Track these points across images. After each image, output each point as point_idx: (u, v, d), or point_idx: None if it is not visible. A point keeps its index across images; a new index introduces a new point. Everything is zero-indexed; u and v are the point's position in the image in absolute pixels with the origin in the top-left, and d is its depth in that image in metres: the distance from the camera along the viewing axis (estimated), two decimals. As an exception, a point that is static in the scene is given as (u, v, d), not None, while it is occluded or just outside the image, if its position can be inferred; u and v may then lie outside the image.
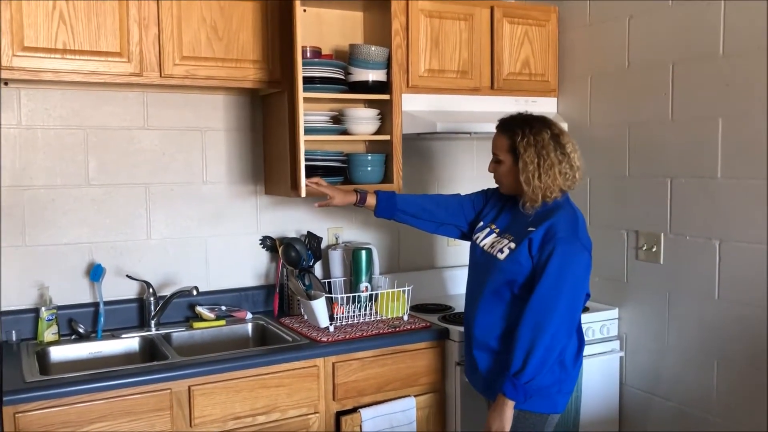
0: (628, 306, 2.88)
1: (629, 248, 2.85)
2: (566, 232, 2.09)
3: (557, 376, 2.13)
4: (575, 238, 2.09)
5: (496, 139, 2.24)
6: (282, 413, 2.34)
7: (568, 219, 2.13)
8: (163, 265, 2.75)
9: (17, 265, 2.49)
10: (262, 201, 2.92)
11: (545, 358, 2.03)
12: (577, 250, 2.08)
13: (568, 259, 2.06)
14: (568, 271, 2.06)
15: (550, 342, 2.02)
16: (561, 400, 2.18)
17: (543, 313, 2.04)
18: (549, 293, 2.05)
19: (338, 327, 2.59)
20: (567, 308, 2.06)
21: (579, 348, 2.23)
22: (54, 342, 2.44)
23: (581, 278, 2.09)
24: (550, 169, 2.11)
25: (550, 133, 2.15)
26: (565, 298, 2.05)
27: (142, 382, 2.13)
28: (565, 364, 2.15)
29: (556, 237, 2.07)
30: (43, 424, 1.99)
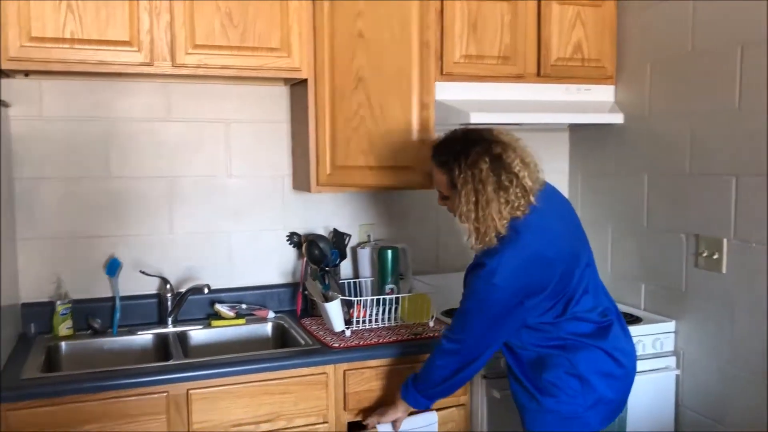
0: (687, 319, 2.56)
1: (688, 254, 2.53)
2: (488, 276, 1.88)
3: (577, 390, 1.93)
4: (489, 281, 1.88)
5: (434, 173, 2.04)
6: (288, 422, 2.21)
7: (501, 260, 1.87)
8: (186, 261, 2.68)
9: (37, 258, 2.49)
10: (290, 196, 2.80)
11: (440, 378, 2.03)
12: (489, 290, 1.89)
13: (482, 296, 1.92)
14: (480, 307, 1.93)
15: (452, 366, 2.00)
16: (593, 416, 1.96)
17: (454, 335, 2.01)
18: (458, 318, 1.99)
19: (356, 331, 2.43)
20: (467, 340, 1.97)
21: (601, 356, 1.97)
22: (68, 336, 2.42)
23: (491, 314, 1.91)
24: (488, 206, 1.85)
25: (489, 158, 1.87)
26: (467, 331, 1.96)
27: (138, 384, 2.05)
28: (583, 376, 1.93)
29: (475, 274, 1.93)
30: (33, 423, 1.95)
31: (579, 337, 1.96)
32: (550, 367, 1.93)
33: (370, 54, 2.50)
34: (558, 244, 1.94)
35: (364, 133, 2.52)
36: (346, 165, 2.52)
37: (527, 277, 1.88)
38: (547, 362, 1.94)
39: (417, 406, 2.11)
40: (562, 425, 1.94)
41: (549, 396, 1.93)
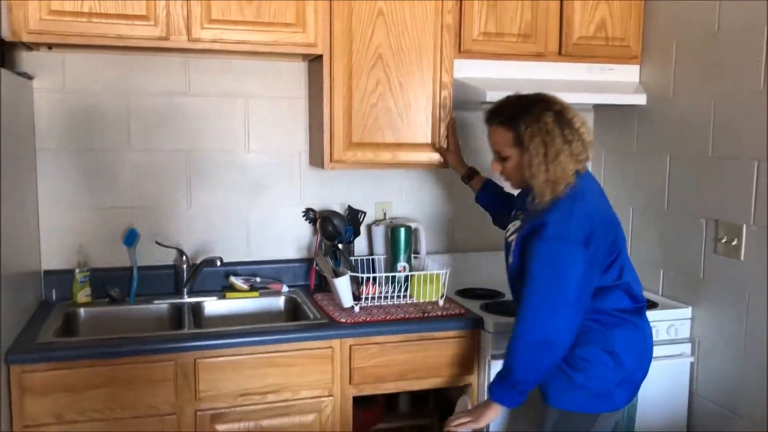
0: (704, 306, 2.50)
1: (708, 240, 2.47)
2: (551, 231, 1.86)
3: (609, 367, 1.93)
4: (561, 238, 1.85)
5: (495, 133, 2.01)
6: (293, 393, 2.25)
7: (559, 216, 1.87)
8: (203, 234, 2.73)
9: (59, 227, 2.56)
10: (307, 172, 2.82)
11: (534, 362, 1.89)
12: (563, 251, 1.85)
13: (552, 263, 1.87)
14: (553, 276, 1.86)
15: (540, 347, 1.87)
16: (620, 394, 1.97)
17: (529, 316, 1.89)
18: (532, 298, 1.88)
19: (365, 308, 2.44)
20: (556, 312, 1.86)
21: (636, 335, 1.99)
22: (87, 304, 2.50)
23: (575, 279, 1.85)
24: (557, 157, 1.87)
25: (552, 112, 1.89)
26: (554, 302, 1.86)
27: (146, 352, 2.11)
28: (616, 353, 1.93)
29: (540, 236, 1.87)
30: (47, 385, 2.02)
31: (620, 313, 1.97)
32: (585, 343, 1.92)
33: (389, 31, 2.50)
34: (608, 210, 1.98)
35: (383, 110, 2.52)
36: (362, 142, 2.52)
37: (591, 227, 1.86)
38: (584, 338, 1.92)
39: (514, 404, 1.95)
40: (590, 401, 1.94)
41: (580, 371, 1.93)
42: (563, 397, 1.96)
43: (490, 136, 2.03)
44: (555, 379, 1.96)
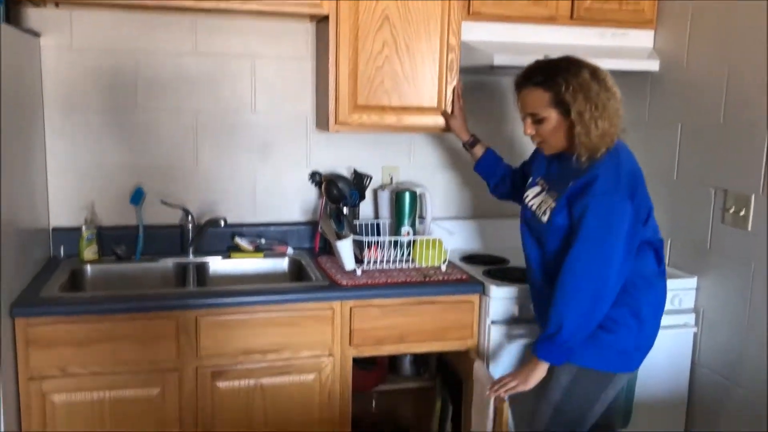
0: (709, 276, 2.48)
1: (716, 210, 2.43)
2: (603, 186, 1.88)
3: (633, 330, 1.98)
4: (613, 191, 1.88)
5: (529, 96, 1.99)
6: (293, 353, 2.28)
7: (608, 170, 1.91)
8: (209, 194, 2.74)
9: (67, 185, 2.59)
10: (314, 135, 2.81)
11: (584, 319, 1.90)
12: (616, 204, 1.87)
13: (605, 216, 1.87)
14: (606, 229, 1.87)
15: (591, 302, 1.89)
16: (637, 357, 2.03)
17: (580, 272, 1.90)
18: (585, 252, 1.89)
19: (367, 271, 2.45)
20: (608, 267, 1.88)
21: (660, 299, 2.06)
22: (93, 261, 2.53)
23: (624, 233, 1.88)
24: (605, 112, 1.89)
25: (588, 71, 1.91)
26: (605, 255, 1.87)
27: (149, 308, 2.14)
28: (641, 316, 1.98)
29: (591, 192, 1.88)
30: (51, 338, 2.06)
31: (648, 276, 2.01)
32: (615, 304, 1.93)
33: (398, -8, 2.46)
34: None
35: (388, 73, 2.50)
36: (368, 104, 2.50)
37: (636, 181, 1.93)
38: (615, 300, 1.93)
39: (560, 362, 1.96)
40: (611, 361, 1.99)
41: (606, 331, 1.95)
42: (584, 354, 1.97)
43: (523, 99, 2.01)
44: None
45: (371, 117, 2.50)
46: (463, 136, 2.52)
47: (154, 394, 2.17)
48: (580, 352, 1.97)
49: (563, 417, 2.04)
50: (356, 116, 2.50)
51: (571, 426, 2.05)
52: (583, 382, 1.99)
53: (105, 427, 2.14)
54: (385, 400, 2.87)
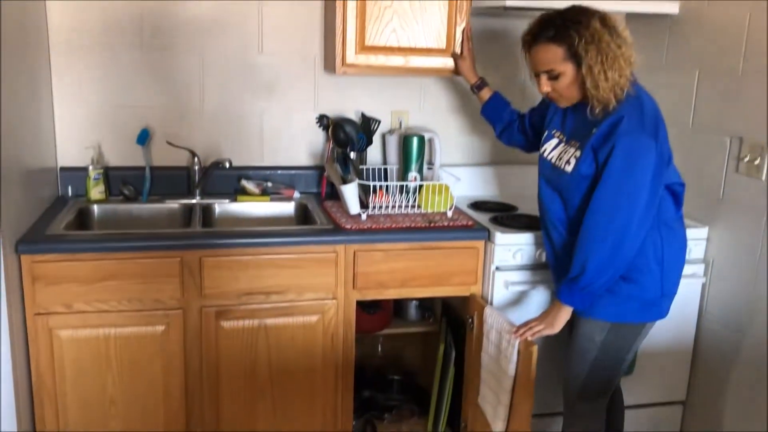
0: (721, 226, 2.43)
1: (730, 158, 2.37)
2: (629, 126, 1.86)
3: (657, 276, 1.98)
4: (639, 131, 1.85)
5: (542, 52, 1.92)
6: (297, 295, 2.29)
7: (632, 110, 1.88)
8: (216, 136, 2.72)
9: (74, 124, 2.59)
10: (322, 77, 2.76)
11: (609, 262, 1.88)
12: (642, 143, 1.85)
13: (631, 155, 1.85)
14: (632, 168, 1.85)
15: (616, 245, 1.86)
16: (665, 304, 2.04)
17: (606, 215, 1.88)
18: (611, 194, 1.87)
19: (372, 216, 2.44)
20: (633, 208, 1.86)
21: (682, 244, 2.07)
22: (100, 200, 2.54)
23: (650, 173, 1.85)
24: (615, 63, 1.85)
25: (598, 21, 1.85)
26: (631, 197, 1.85)
27: (153, 248, 2.15)
28: (664, 263, 1.97)
29: (617, 132, 1.85)
30: (56, 276, 2.09)
31: (669, 221, 2.01)
32: (638, 254, 1.92)
33: (407, -73, 2.38)
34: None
35: (397, 13, 2.43)
36: (375, 45, 2.45)
37: (658, 121, 1.90)
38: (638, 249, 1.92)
39: (583, 305, 1.96)
40: (640, 312, 2.00)
41: (631, 282, 1.96)
42: (615, 310, 1.99)
43: (535, 56, 1.95)
44: (606, 292, 1.97)
45: (379, 58, 2.45)
46: (470, 79, 2.48)
47: (159, 332, 2.20)
48: (611, 307, 1.98)
49: (599, 372, 2.07)
50: (364, 57, 2.45)
51: (607, 379, 2.09)
52: (617, 337, 2.02)
53: (111, 363, 2.18)
54: (391, 344, 2.90)
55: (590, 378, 2.08)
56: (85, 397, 2.19)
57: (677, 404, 2.62)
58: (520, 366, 2.04)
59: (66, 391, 2.17)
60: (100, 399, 2.20)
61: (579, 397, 2.13)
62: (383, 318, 2.65)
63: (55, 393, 2.16)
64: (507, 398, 2.10)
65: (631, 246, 1.89)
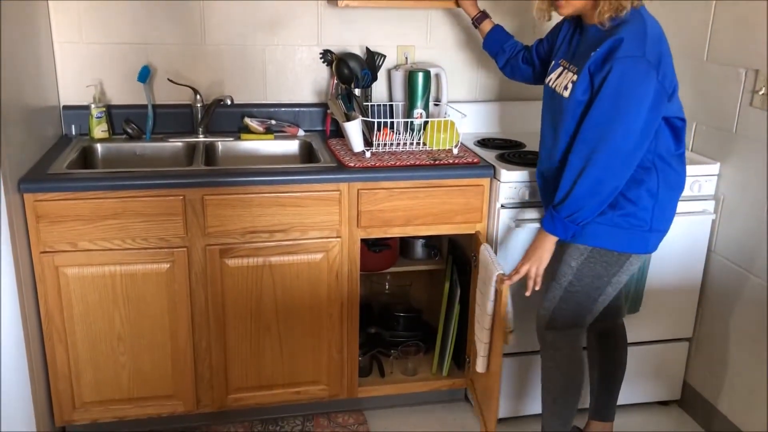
0: (733, 162, 2.38)
1: (745, 92, 2.30)
2: (629, 49, 1.77)
3: (648, 209, 1.92)
4: (639, 56, 1.77)
5: None
6: (301, 233, 2.28)
7: (634, 33, 1.79)
8: (218, 73, 2.68)
9: (75, 62, 2.55)
10: (326, 11, 2.69)
11: (594, 190, 1.83)
12: (640, 69, 1.76)
13: (627, 81, 1.77)
14: (627, 94, 1.77)
15: (602, 173, 1.82)
16: (652, 239, 1.97)
17: (595, 141, 1.82)
18: (602, 119, 1.80)
19: (376, 153, 2.41)
20: (624, 138, 1.79)
21: (678, 181, 2.00)
22: (103, 139, 2.53)
23: (647, 102, 1.78)
24: None
25: None
26: (623, 124, 1.78)
27: (155, 186, 2.14)
28: (658, 197, 1.92)
29: (615, 56, 1.77)
30: (58, 214, 2.09)
31: (668, 156, 1.94)
32: (632, 183, 1.89)
33: None
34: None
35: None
36: (379, -24, 2.38)
37: (661, 48, 1.82)
38: (631, 178, 1.88)
39: (566, 235, 1.91)
40: (624, 241, 1.95)
41: (619, 210, 1.91)
42: (597, 234, 1.94)
43: None
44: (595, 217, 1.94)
45: (383, -12, 2.38)
46: (470, 12, 2.42)
47: (164, 270, 2.21)
48: (593, 231, 1.93)
49: (572, 297, 2.03)
50: (367, -13, 2.38)
51: (580, 306, 2.05)
52: (595, 263, 1.97)
53: (118, 301, 2.21)
54: (398, 281, 2.90)
55: (561, 304, 2.04)
56: (94, 334, 2.23)
57: (683, 341, 2.62)
58: (497, 304, 2.03)
59: (75, 329, 2.21)
60: (108, 335, 2.24)
61: (548, 324, 2.10)
62: (389, 256, 2.65)
63: (65, 330, 2.20)
64: (487, 337, 2.10)
65: (618, 177, 1.83)
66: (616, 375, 2.31)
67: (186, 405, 2.37)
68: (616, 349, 2.30)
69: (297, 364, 2.42)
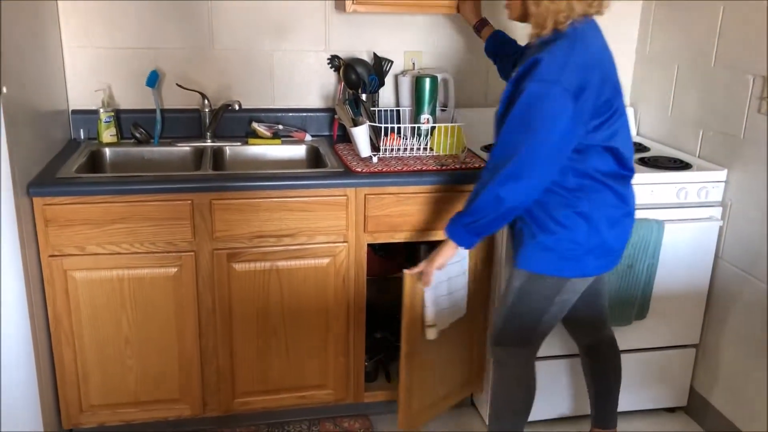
0: (740, 169, 2.37)
1: (753, 98, 2.30)
2: (543, 73, 1.71)
3: (581, 231, 1.85)
4: (553, 81, 1.70)
5: None
6: (309, 238, 2.29)
7: (554, 57, 1.72)
8: (226, 78, 2.69)
9: (85, 67, 2.57)
10: (333, 17, 2.70)
11: (494, 206, 1.81)
12: (553, 93, 1.70)
13: (536, 104, 1.72)
14: (534, 118, 1.73)
15: (502, 192, 1.77)
16: (589, 261, 1.90)
17: (501, 159, 1.78)
18: (509, 139, 1.78)
19: (383, 159, 2.41)
20: (527, 159, 1.75)
21: (616, 202, 1.88)
22: (112, 143, 2.54)
23: (555, 128, 1.72)
24: None
25: None
26: (528, 147, 1.74)
27: (163, 190, 2.15)
28: (591, 219, 1.85)
29: (530, 77, 1.73)
30: (67, 218, 2.10)
31: (601, 176, 1.85)
32: (559, 205, 1.86)
33: None
34: (613, 66, 1.84)
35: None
36: (387, -18, 2.39)
37: (585, 74, 1.72)
38: (557, 199, 1.86)
39: (462, 243, 1.93)
40: (557, 265, 1.90)
41: (549, 233, 1.88)
42: (531, 259, 1.92)
43: None
44: (525, 240, 1.92)
45: (390, -6, 2.39)
46: (471, 20, 2.42)
47: (171, 274, 2.22)
48: (528, 255, 1.92)
49: (516, 317, 2.02)
50: (375, -7, 2.39)
51: (524, 326, 2.02)
52: (534, 287, 1.95)
53: (125, 304, 2.21)
54: (404, 287, 2.90)
55: (506, 323, 2.03)
56: (101, 337, 2.24)
57: (690, 347, 2.61)
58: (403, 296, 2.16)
59: (83, 331, 2.22)
60: (116, 339, 2.25)
61: (495, 341, 2.09)
62: (396, 261, 2.65)
63: (72, 333, 2.21)
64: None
65: (518, 199, 1.80)
66: (610, 386, 2.29)
67: (192, 409, 2.38)
68: (606, 360, 2.27)
69: (303, 369, 2.42)
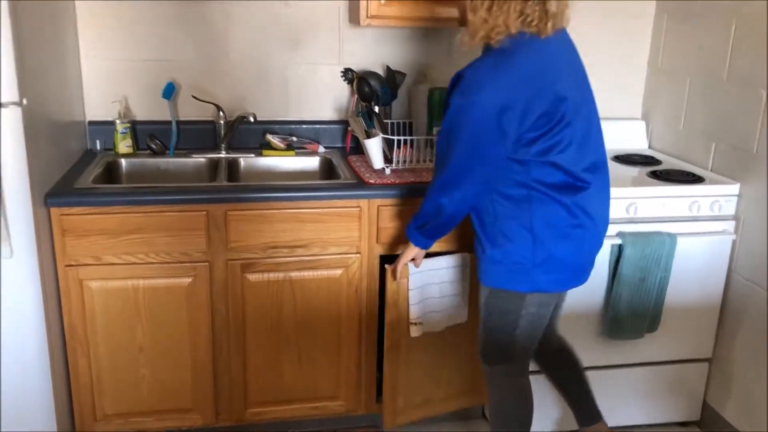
0: (753, 183, 2.38)
1: (765, 112, 2.30)
2: (463, 88, 1.75)
3: (527, 244, 1.85)
4: (473, 95, 1.72)
5: None
6: (321, 249, 2.30)
7: (476, 73, 1.75)
8: (241, 90, 2.72)
9: (102, 79, 2.60)
10: (347, 30, 2.73)
11: (436, 211, 1.92)
12: (472, 105, 1.73)
13: (456, 117, 1.77)
14: (456, 130, 1.78)
15: (440, 198, 1.88)
16: (540, 276, 1.88)
17: (436, 168, 1.91)
18: (440, 150, 1.87)
19: (396, 171, 2.43)
20: (454, 170, 1.82)
21: (567, 216, 1.84)
22: (128, 154, 2.57)
23: (478, 136, 1.75)
24: (505, 3, 1.71)
25: None
26: (451, 159, 1.81)
27: (179, 201, 2.17)
28: (535, 232, 1.84)
29: (454, 91, 1.78)
30: (85, 229, 2.13)
31: (545, 188, 1.82)
32: (505, 218, 1.87)
33: None
34: (557, 80, 1.76)
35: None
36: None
37: (509, 93, 1.71)
38: (503, 211, 1.87)
39: (418, 244, 2.06)
40: (508, 279, 1.91)
41: (497, 247, 1.89)
42: (484, 273, 1.96)
43: None
44: (479, 254, 1.97)
45: (403, 9, 2.41)
46: None
47: (185, 284, 2.24)
48: (484, 270, 1.95)
49: (492, 333, 2.02)
50: (388, 9, 2.41)
51: (501, 341, 2.01)
52: (496, 302, 1.97)
53: (140, 314, 2.23)
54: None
55: (484, 339, 2.05)
56: (116, 346, 2.25)
57: (703, 361, 2.60)
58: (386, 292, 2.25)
59: (97, 341, 2.24)
60: (130, 348, 2.26)
61: (481, 358, 2.10)
62: (407, 272, 2.65)
63: (87, 342, 2.23)
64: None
65: (457, 202, 1.87)
66: (581, 386, 2.28)
67: (205, 418, 2.39)
68: (567, 365, 2.28)
69: (316, 379, 2.43)
